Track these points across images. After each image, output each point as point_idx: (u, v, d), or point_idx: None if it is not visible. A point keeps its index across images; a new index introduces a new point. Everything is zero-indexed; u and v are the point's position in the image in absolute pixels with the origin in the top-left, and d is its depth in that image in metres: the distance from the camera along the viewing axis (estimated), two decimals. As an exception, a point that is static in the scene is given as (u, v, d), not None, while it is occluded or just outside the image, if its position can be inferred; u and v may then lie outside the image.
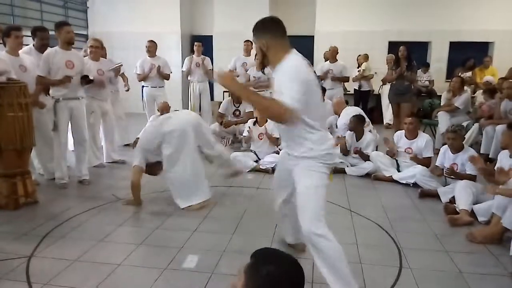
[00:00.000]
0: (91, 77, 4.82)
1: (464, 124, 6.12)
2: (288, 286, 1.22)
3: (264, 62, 2.46)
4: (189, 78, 7.71)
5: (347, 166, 5.35)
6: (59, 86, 4.46)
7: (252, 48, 7.68)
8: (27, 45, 4.98)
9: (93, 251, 3.07)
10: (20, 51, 4.45)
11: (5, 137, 3.75)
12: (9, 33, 4.22)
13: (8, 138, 3.76)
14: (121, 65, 6.13)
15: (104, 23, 10.41)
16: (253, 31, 2.45)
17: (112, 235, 3.36)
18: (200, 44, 7.72)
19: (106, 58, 6.01)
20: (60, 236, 3.33)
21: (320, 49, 9.61)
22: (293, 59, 2.33)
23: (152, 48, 6.80)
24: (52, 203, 4.11)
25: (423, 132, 5.28)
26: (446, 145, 4.48)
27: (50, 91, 4.56)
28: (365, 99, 9.15)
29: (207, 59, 7.73)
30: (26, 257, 2.93)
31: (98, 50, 5.56)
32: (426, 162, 4.82)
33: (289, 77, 2.24)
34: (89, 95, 5.16)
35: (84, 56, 5.40)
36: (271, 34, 2.38)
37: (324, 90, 7.05)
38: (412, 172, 4.71)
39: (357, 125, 5.45)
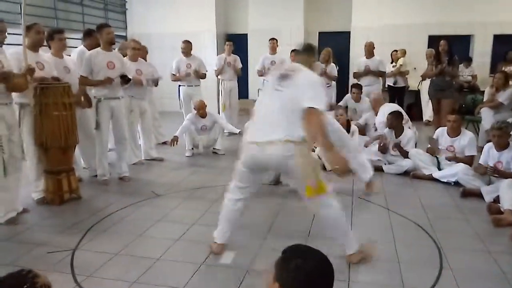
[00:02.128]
0: (130, 76, 4.95)
1: (510, 120, 5.85)
2: (317, 279, 1.24)
3: None
4: (219, 76, 7.81)
5: (385, 164, 5.24)
6: (100, 87, 4.62)
7: (277, 46, 7.67)
8: (75, 47, 5.18)
9: (133, 245, 3.17)
10: (72, 53, 4.60)
11: (51, 135, 3.92)
12: (52, 36, 4.38)
13: (53, 137, 3.93)
14: (161, 78, 6.31)
15: (142, 24, 10.68)
16: None
17: (151, 230, 3.45)
18: (232, 43, 7.80)
19: (146, 60, 6.14)
20: (102, 230, 3.45)
21: (356, 44, 9.44)
22: None
23: (186, 49, 6.88)
24: (94, 199, 4.27)
25: (466, 129, 5.09)
26: (490, 143, 4.30)
27: (93, 91, 4.73)
28: (401, 96, 8.93)
29: (237, 58, 7.81)
30: (70, 250, 3.06)
31: (138, 52, 5.72)
32: (468, 160, 4.64)
33: None
34: (128, 95, 5.32)
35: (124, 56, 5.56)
36: None
37: (360, 87, 6.93)
38: (454, 170, 4.56)
39: (394, 122, 5.31)
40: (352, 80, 7.79)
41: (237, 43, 8.44)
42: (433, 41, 8.76)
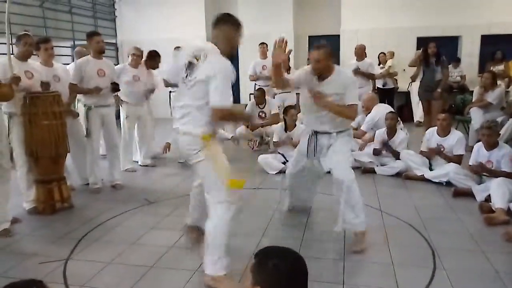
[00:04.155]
0: (121, 85, 4.96)
1: (499, 119, 5.91)
2: (294, 276, 1.28)
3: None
4: None
5: (377, 166, 5.27)
6: (89, 94, 4.59)
7: (268, 50, 7.69)
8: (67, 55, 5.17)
9: (127, 253, 3.15)
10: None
11: (41, 144, 3.88)
12: (38, 46, 4.34)
13: (43, 146, 3.90)
14: (157, 87, 6.19)
15: (132, 31, 10.65)
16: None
17: (144, 238, 3.43)
18: None
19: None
20: (94, 239, 3.42)
21: (346, 48, 9.50)
22: None
23: None
24: (86, 208, 4.24)
25: (456, 129, 5.14)
26: (480, 142, 4.35)
27: (82, 99, 4.71)
28: (390, 97, 8.99)
29: None
30: (63, 260, 3.03)
31: (138, 59, 5.72)
32: (456, 159, 4.68)
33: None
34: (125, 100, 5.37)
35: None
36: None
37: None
38: (445, 170, 4.59)
39: (395, 121, 5.35)
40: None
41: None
42: (421, 43, 8.84)
